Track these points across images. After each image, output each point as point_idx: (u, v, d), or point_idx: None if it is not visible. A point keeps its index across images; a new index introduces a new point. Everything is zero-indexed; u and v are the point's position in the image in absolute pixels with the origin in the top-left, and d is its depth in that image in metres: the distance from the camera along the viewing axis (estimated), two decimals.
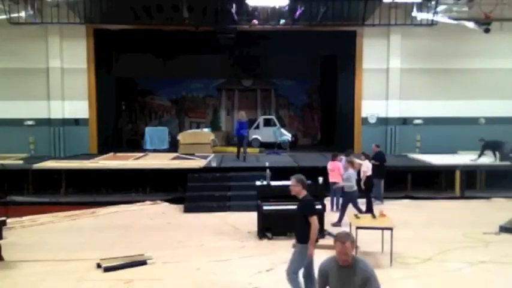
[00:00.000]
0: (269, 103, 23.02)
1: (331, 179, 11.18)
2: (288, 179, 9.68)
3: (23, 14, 14.38)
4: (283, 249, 8.40)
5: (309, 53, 18.39)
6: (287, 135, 19.20)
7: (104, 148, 16.59)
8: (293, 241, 8.67)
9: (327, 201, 9.96)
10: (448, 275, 7.21)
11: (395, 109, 16.71)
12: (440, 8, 14.35)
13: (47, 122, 16.38)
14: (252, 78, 22.65)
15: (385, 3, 14.83)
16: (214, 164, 13.24)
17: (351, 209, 9.76)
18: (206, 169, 13.23)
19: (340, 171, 11.03)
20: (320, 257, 7.91)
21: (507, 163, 13.64)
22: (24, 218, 10.82)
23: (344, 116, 17.11)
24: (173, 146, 17.91)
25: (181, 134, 18.16)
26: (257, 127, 20.13)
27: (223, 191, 12.27)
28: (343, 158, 11.45)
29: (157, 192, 12.98)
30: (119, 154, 15.83)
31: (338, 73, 17.41)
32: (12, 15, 14.36)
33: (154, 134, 18.59)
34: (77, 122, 16.53)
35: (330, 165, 11.44)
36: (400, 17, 15.12)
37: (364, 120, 16.86)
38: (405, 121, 16.71)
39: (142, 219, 11.03)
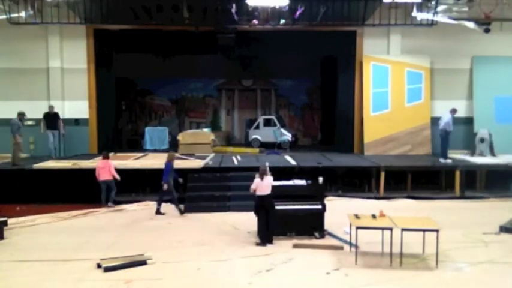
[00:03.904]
0: (269, 103, 23.00)
1: None
2: (289, 179, 9.81)
3: (23, 14, 14.36)
4: (283, 249, 8.44)
5: (309, 53, 18.37)
6: (287, 135, 19.20)
7: (104, 148, 16.57)
8: (293, 241, 8.75)
9: (328, 201, 9.95)
10: (448, 275, 7.21)
11: None
12: (440, 8, 14.35)
13: None
14: (252, 78, 22.64)
15: (385, 3, 14.82)
16: (210, 162, 12.96)
17: (349, 210, 9.72)
18: (206, 169, 13.23)
19: None
20: (320, 257, 7.96)
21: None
22: (24, 218, 10.83)
23: (344, 116, 17.11)
24: (173, 146, 17.91)
25: (181, 134, 18.14)
26: (257, 127, 20.13)
27: (223, 191, 12.28)
28: None
29: (157, 192, 12.96)
30: (118, 154, 15.82)
31: (338, 73, 17.40)
32: (12, 15, 14.34)
33: (155, 134, 18.58)
34: (77, 122, 16.53)
35: None
36: (400, 17, 15.11)
37: None
38: None
39: (142, 219, 11.04)
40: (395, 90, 16.47)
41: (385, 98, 16.46)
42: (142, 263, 7.70)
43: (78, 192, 12.64)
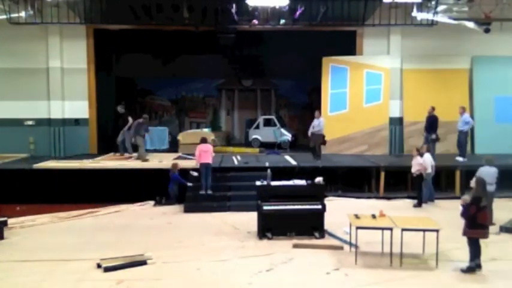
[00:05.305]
0: (269, 103, 23.01)
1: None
2: (289, 179, 9.81)
3: (23, 14, 14.38)
4: (283, 249, 8.44)
5: (309, 53, 18.38)
6: (287, 135, 19.20)
7: (104, 148, 16.59)
8: (293, 241, 8.75)
9: (328, 201, 9.96)
10: (447, 275, 7.21)
11: (396, 109, 16.70)
12: (440, 8, 14.35)
13: (47, 122, 16.37)
14: (252, 78, 22.64)
15: (385, 3, 14.82)
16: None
17: (349, 210, 9.73)
18: None
19: None
20: (320, 257, 7.96)
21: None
22: (24, 218, 10.83)
23: None
24: (173, 146, 17.91)
25: (182, 134, 18.16)
26: (257, 127, 20.14)
27: (223, 191, 12.28)
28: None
29: (157, 192, 12.95)
30: (118, 154, 15.81)
31: None
32: (12, 15, 14.36)
33: (154, 134, 18.58)
34: (77, 122, 16.54)
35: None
36: (400, 17, 15.11)
37: None
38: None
39: (142, 219, 11.04)
40: (353, 91, 16.62)
41: (343, 98, 16.67)
42: (142, 263, 7.70)
43: (79, 192, 12.66)
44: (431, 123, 14.25)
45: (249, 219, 10.00)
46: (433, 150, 13.66)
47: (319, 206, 9.13)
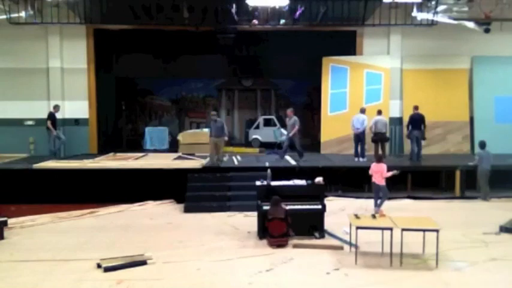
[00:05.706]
0: (269, 103, 23.01)
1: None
2: (288, 179, 9.81)
3: (23, 14, 14.39)
4: (283, 249, 8.44)
5: (309, 53, 18.40)
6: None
7: (104, 148, 16.60)
8: (293, 241, 8.75)
9: (328, 201, 9.96)
10: (448, 275, 7.21)
11: (396, 109, 16.71)
12: (440, 8, 14.37)
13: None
14: (252, 78, 22.63)
15: (385, 3, 14.84)
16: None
17: (349, 210, 9.74)
18: (206, 169, 13.23)
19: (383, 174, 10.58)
20: (320, 257, 7.96)
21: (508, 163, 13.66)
22: (24, 218, 10.83)
23: None
24: (173, 146, 17.92)
25: (181, 134, 18.15)
26: (257, 127, 20.14)
27: (223, 191, 12.28)
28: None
29: (157, 192, 12.96)
30: (118, 154, 15.83)
31: None
32: (12, 15, 14.37)
33: (154, 134, 18.59)
34: (77, 122, 16.55)
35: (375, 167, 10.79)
36: (400, 17, 15.12)
37: None
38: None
39: (142, 219, 11.04)
40: (353, 91, 16.66)
41: (343, 98, 16.75)
42: (143, 263, 7.70)
43: (79, 192, 12.65)
44: (419, 121, 14.19)
45: (249, 219, 10.02)
46: (419, 147, 14.13)
47: (319, 206, 9.13)
